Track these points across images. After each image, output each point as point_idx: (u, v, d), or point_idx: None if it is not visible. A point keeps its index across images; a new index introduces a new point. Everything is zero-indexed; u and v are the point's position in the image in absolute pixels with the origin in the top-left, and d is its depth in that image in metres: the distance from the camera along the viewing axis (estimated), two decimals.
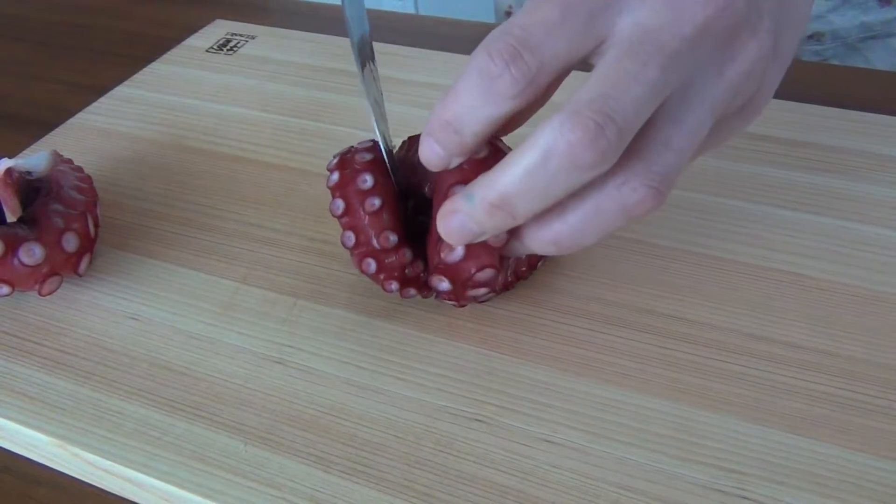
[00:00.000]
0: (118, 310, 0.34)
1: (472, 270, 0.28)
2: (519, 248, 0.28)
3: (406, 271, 0.30)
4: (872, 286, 0.33)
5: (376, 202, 0.29)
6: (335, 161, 0.31)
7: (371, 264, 0.30)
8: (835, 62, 0.61)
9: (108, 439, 0.29)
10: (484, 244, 0.28)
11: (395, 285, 0.30)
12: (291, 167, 0.42)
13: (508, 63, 0.24)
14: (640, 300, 0.33)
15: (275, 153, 0.43)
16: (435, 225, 0.28)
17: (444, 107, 0.26)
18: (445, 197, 0.27)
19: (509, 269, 0.31)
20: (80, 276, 0.34)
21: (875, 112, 0.43)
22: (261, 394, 0.30)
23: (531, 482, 0.27)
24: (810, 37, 0.60)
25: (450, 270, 0.29)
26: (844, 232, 0.36)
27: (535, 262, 0.33)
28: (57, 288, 0.33)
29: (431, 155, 0.28)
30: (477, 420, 0.29)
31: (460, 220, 0.26)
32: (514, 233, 0.28)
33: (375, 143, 0.31)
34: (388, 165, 0.31)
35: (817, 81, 0.49)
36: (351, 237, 0.30)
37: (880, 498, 0.26)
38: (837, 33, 0.59)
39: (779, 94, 0.44)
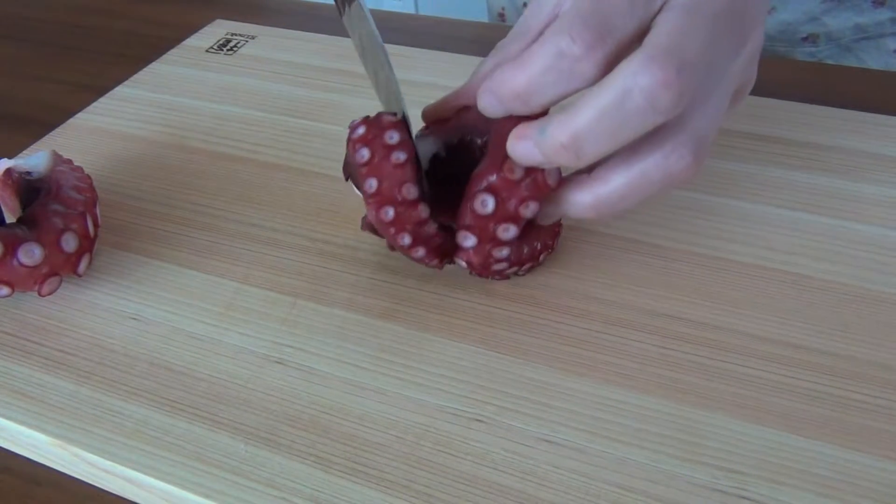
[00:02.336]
0: (118, 310, 0.34)
1: (493, 224, 0.30)
2: (555, 211, 0.30)
3: (420, 229, 0.30)
4: (872, 286, 0.33)
5: (401, 156, 0.30)
6: (359, 119, 0.31)
7: (389, 212, 0.30)
8: (829, 63, 0.61)
9: (108, 439, 0.29)
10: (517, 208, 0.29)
11: (407, 239, 0.31)
12: (291, 167, 0.42)
13: (591, 46, 0.26)
14: (640, 300, 0.33)
15: (275, 153, 0.43)
16: (471, 183, 0.30)
17: (514, 77, 0.28)
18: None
19: (525, 249, 0.32)
20: (79, 276, 0.34)
21: (874, 112, 0.43)
22: (261, 394, 0.30)
23: (531, 482, 0.27)
24: (804, 39, 0.60)
25: (476, 226, 0.30)
26: (844, 232, 0.36)
27: (551, 243, 0.34)
28: (57, 288, 0.33)
29: (493, 108, 0.29)
30: (477, 420, 0.29)
31: (528, 146, 0.28)
32: (553, 198, 0.29)
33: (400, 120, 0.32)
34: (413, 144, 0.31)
35: (816, 81, 0.49)
36: (373, 184, 0.30)
37: (880, 498, 0.26)
38: (832, 35, 0.59)
39: (779, 95, 0.44)
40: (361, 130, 0.31)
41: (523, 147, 0.28)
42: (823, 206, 0.37)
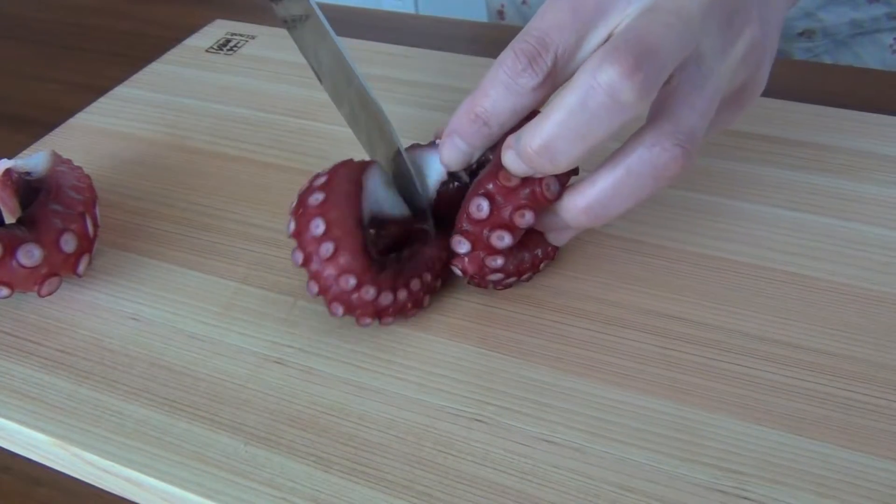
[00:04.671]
0: (118, 310, 0.34)
1: (487, 231, 0.30)
2: (553, 220, 0.30)
3: (374, 304, 0.30)
4: (872, 286, 0.33)
5: (330, 247, 0.29)
6: (294, 204, 0.31)
7: (339, 308, 0.30)
8: (826, 59, 0.61)
9: (108, 439, 0.29)
10: (512, 217, 0.29)
11: (368, 320, 0.31)
12: (291, 167, 0.42)
13: (530, 60, 0.27)
14: (640, 300, 0.33)
15: (275, 153, 0.43)
16: (470, 190, 0.30)
17: (472, 103, 0.29)
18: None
19: (525, 257, 0.32)
20: (79, 276, 0.34)
21: (874, 112, 0.43)
22: (261, 394, 0.30)
23: (531, 482, 0.27)
24: (801, 34, 0.60)
25: (472, 231, 0.30)
26: (844, 232, 0.36)
27: (552, 251, 0.33)
28: (56, 288, 0.33)
29: (453, 152, 0.30)
30: (477, 420, 0.29)
31: (512, 156, 0.29)
32: (549, 207, 0.29)
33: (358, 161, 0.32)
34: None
35: (816, 81, 0.49)
36: (314, 287, 0.30)
37: (880, 498, 0.26)
38: (828, 30, 0.59)
39: (778, 95, 0.44)
40: (293, 225, 0.30)
41: (509, 156, 0.29)
42: (823, 206, 0.37)
